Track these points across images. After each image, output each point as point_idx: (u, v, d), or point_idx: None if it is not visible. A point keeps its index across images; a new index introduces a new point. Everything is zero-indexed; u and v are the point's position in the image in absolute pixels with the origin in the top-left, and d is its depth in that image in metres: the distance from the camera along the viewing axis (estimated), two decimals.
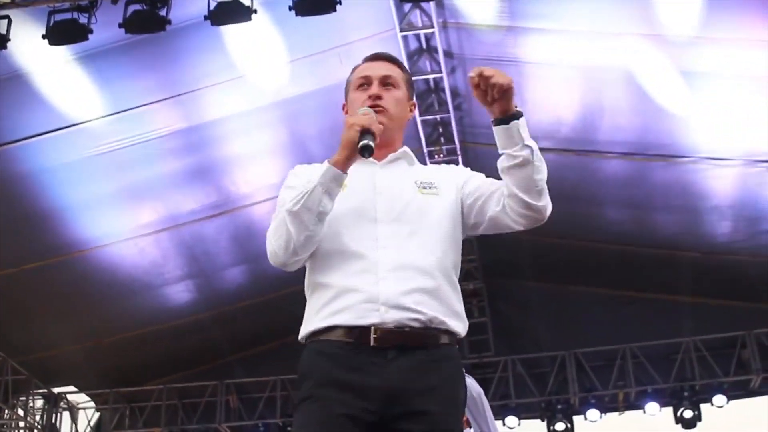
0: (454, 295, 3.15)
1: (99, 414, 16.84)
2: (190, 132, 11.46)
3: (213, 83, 10.79)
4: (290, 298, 14.40)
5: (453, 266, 3.20)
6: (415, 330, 3.01)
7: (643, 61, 10.80)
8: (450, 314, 3.10)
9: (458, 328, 3.11)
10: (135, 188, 12.08)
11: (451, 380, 3.04)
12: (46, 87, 10.31)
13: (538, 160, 3.08)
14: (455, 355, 3.10)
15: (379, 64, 3.40)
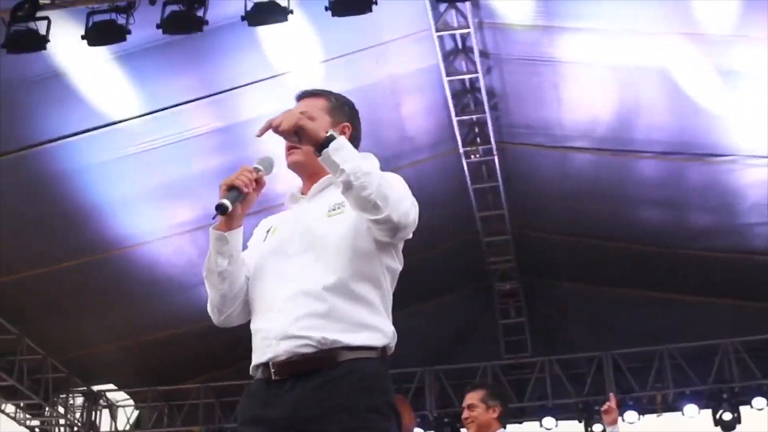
0: (357, 308, 3.19)
1: (138, 412, 16.98)
2: (226, 131, 11.53)
3: (249, 82, 10.84)
4: None
5: (360, 278, 3.22)
6: (307, 356, 3.10)
7: (680, 59, 10.74)
8: (349, 329, 3.14)
9: (364, 340, 3.15)
10: (172, 187, 12.16)
11: (353, 394, 3.07)
12: (85, 86, 10.41)
13: (356, 179, 3.08)
14: (362, 367, 3.12)
15: (298, 104, 3.58)
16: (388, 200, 3.08)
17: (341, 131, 3.41)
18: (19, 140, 10.87)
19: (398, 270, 3.34)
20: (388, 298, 3.29)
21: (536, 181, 14.17)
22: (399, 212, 3.11)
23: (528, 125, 12.92)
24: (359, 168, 3.08)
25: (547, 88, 11.91)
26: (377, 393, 3.11)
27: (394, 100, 12.23)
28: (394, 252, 3.31)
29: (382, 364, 3.19)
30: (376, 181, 3.08)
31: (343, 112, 3.56)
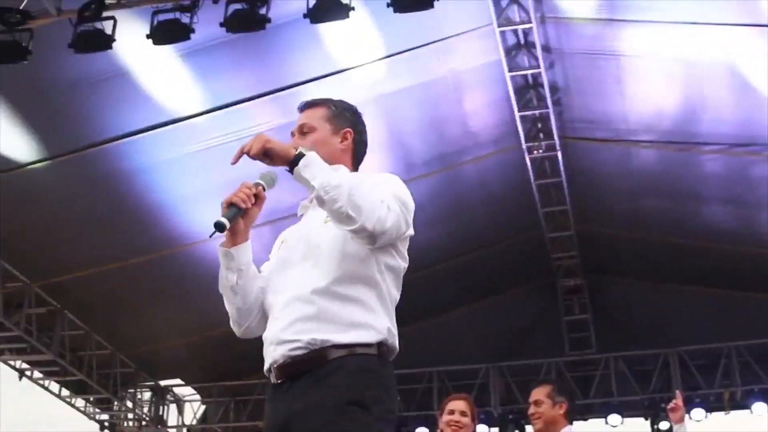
0: (348, 308, 3.23)
1: (204, 407, 17.16)
2: (289, 127, 11.49)
3: (311, 78, 10.90)
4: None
5: (351, 280, 3.26)
6: (298, 358, 3.18)
7: (747, 52, 10.59)
8: (338, 329, 3.19)
9: (353, 338, 3.19)
10: (236, 183, 12.02)
11: (336, 389, 3.11)
12: (149, 84, 10.55)
13: (326, 193, 3.15)
14: (349, 362, 3.16)
15: (300, 116, 3.64)
16: (360, 210, 3.13)
17: (343, 137, 3.53)
18: (85, 138, 11.06)
19: (401, 267, 3.37)
20: (387, 296, 3.30)
21: (600, 176, 14.08)
22: (372, 221, 3.13)
23: (591, 120, 12.85)
24: (328, 182, 3.14)
25: (611, 83, 11.82)
26: (361, 387, 3.12)
27: (457, 96, 12.22)
28: (393, 251, 3.33)
29: (376, 360, 3.20)
30: (345, 192, 3.13)
31: (344, 118, 3.60)
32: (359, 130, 3.62)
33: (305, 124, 3.55)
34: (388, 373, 3.22)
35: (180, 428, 17.02)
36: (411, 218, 3.36)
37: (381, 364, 3.20)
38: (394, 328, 3.29)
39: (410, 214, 3.35)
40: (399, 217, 3.24)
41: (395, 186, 3.39)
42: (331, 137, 3.53)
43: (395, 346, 3.28)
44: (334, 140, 3.54)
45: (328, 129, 3.55)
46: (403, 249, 3.38)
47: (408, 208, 3.34)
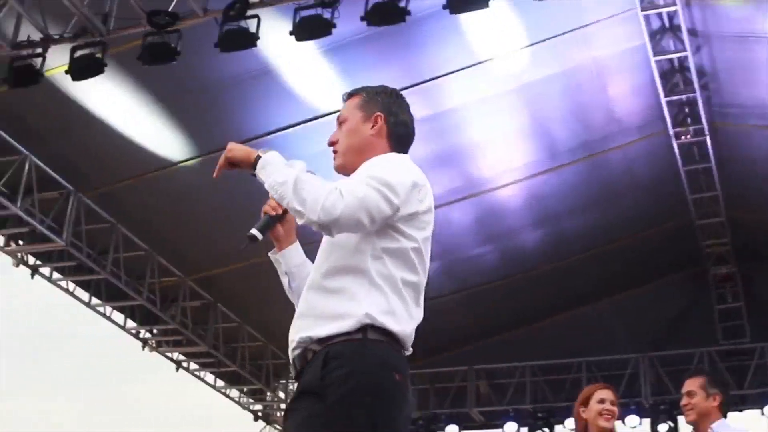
0: (329, 301, 3.22)
1: None
2: (432, 119, 11.65)
3: (453, 70, 10.92)
4: (539, 280, 14.59)
5: (337, 271, 3.24)
6: (297, 356, 3.23)
7: None
8: (318, 324, 3.19)
9: (330, 330, 3.16)
10: None
11: (311, 382, 3.11)
12: (294, 81, 10.73)
13: (275, 192, 3.21)
14: (326, 351, 3.13)
15: (343, 105, 3.62)
16: (305, 204, 3.13)
17: (374, 122, 3.49)
18: (232, 136, 11.28)
19: (405, 248, 3.26)
20: (379, 281, 3.20)
21: (751, 162, 13.70)
22: (316, 212, 3.10)
23: (741, 104, 12.52)
24: (275, 181, 3.19)
25: (761, 66, 11.49)
26: (325, 375, 3.07)
27: (600, 83, 12.07)
28: (394, 233, 3.25)
29: (356, 345, 3.13)
30: (290, 188, 3.15)
31: (376, 103, 3.54)
32: (393, 112, 3.56)
33: (340, 115, 3.57)
34: (369, 355, 3.12)
35: None
36: (400, 195, 3.21)
37: (361, 345, 3.12)
38: (390, 311, 3.18)
39: (394, 191, 3.20)
40: (352, 206, 3.12)
41: (374, 167, 3.30)
42: (362, 125, 3.50)
43: (391, 329, 3.17)
44: (364, 127, 3.50)
45: (359, 117, 3.52)
46: (409, 228, 3.26)
47: (391, 186, 3.20)
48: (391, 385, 3.12)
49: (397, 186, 3.21)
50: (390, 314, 3.18)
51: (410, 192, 3.26)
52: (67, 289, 13.45)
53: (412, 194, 3.27)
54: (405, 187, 3.24)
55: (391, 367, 3.14)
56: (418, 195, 3.29)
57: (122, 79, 10.45)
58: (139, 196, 12.31)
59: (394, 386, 3.12)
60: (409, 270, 3.27)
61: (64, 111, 10.75)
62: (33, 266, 12.97)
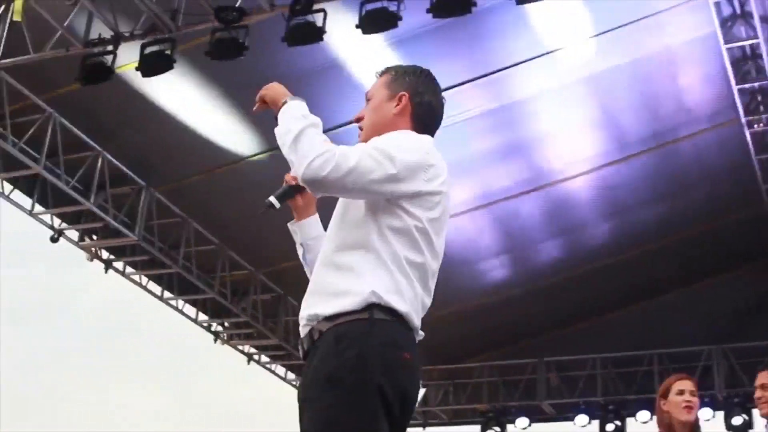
0: (336, 277, 3.20)
1: (425, 390, 17.37)
2: (500, 111, 11.62)
3: (520, 61, 10.88)
4: (609, 271, 14.48)
5: (344, 247, 3.23)
6: (306, 334, 3.21)
7: None
8: (326, 300, 3.17)
9: (338, 307, 3.13)
10: (449, 168, 12.33)
11: (319, 363, 3.09)
12: (361, 75, 10.76)
13: (280, 137, 3.26)
14: (333, 331, 3.11)
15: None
16: (297, 155, 3.15)
17: (398, 101, 3.46)
18: None
19: (409, 226, 3.22)
20: (390, 260, 3.17)
21: None
22: (304, 166, 3.11)
23: None
24: (281, 129, 3.26)
25: None
26: (333, 359, 3.05)
27: (670, 72, 11.93)
28: (399, 211, 3.21)
29: (362, 325, 3.09)
30: (291, 138, 3.19)
31: (402, 82, 3.53)
32: (418, 91, 3.53)
33: (368, 92, 3.56)
34: (377, 334, 3.09)
35: None
36: (398, 168, 3.16)
37: (369, 324, 3.09)
38: (396, 290, 3.15)
39: (392, 162, 3.16)
40: (353, 168, 3.10)
41: (382, 139, 3.29)
42: (386, 103, 3.48)
43: (397, 308, 3.14)
44: (388, 105, 3.47)
45: (385, 95, 3.50)
46: (413, 207, 3.22)
47: (391, 157, 3.16)
48: (401, 365, 3.11)
49: (397, 160, 3.17)
50: (397, 293, 3.15)
51: (414, 170, 3.22)
52: (139, 283, 13.66)
53: (417, 172, 3.22)
54: (407, 164, 3.20)
55: (399, 346, 3.12)
56: (425, 175, 3.25)
57: (191, 74, 10.57)
58: (210, 191, 12.46)
59: (403, 366, 3.12)
60: (414, 250, 3.23)
61: (135, 107, 10.90)
62: (107, 261, 13.20)
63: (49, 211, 12.27)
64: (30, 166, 11.22)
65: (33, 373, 23.85)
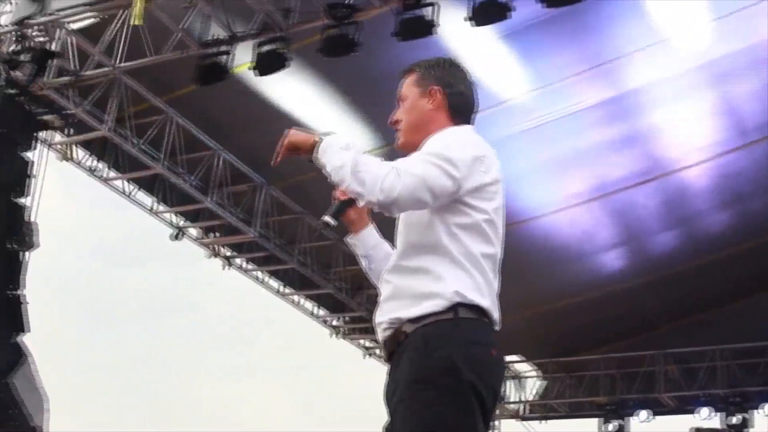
0: (414, 281, 3.22)
1: (543, 383, 17.27)
2: (615, 101, 11.48)
3: (635, 50, 10.72)
4: (728, 262, 14.19)
5: (415, 251, 3.26)
6: (388, 338, 3.25)
7: None
8: (408, 304, 3.19)
9: (422, 310, 3.15)
10: (564, 160, 12.29)
11: (407, 365, 3.12)
12: (475, 67, 10.69)
13: (335, 175, 3.22)
14: (420, 334, 3.13)
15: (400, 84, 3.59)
16: (364, 185, 3.14)
17: (431, 96, 3.42)
18: None
19: (477, 221, 3.22)
20: (463, 258, 3.20)
21: None
22: (375, 193, 3.11)
23: None
24: (334, 165, 3.21)
25: None
26: (425, 361, 3.09)
27: None
28: (464, 207, 3.21)
29: (449, 325, 3.13)
30: (349, 171, 3.16)
31: (430, 77, 3.48)
32: (449, 83, 3.47)
33: (399, 93, 3.54)
34: (463, 333, 3.12)
35: (520, 404, 17.23)
36: (460, 169, 3.15)
37: (453, 325, 3.12)
38: (474, 285, 3.18)
39: (455, 166, 3.15)
40: (407, 186, 3.11)
41: (434, 144, 3.28)
42: (419, 100, 3.45)
43: (474, 303, 3.16)
44: (422, 102, 3.45)
45: (416, 93, 3.47)
46: (477, 201, 3.22)
47: (451, 161, 3.15)
48: (488, 362, 3.13)
49: (457, 160, 3.16)
50: (477, 290, 3.18)
51: (472, 165, 3.20)
52: (258, 278, 13.88)
53: (475, 167, 3.21)
54: (465, 161, 3.19)
55: (485, 344, 3.15)
56: (481, 167, 3.23)
57: (305, 72, 10.69)
58: (326, 187, 12.52)
59: (490, 362, 3.14)
60: (486, 242, 3.25)
61: (251, 106, 11.07)
62: (226, 257, 13.43)
63: (170, 209, 12.56)
64: (151, 166, 11.50)
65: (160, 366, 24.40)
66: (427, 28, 9.30)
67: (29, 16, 9.67)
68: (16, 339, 9.17)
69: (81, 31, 10.34)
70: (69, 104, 10.51)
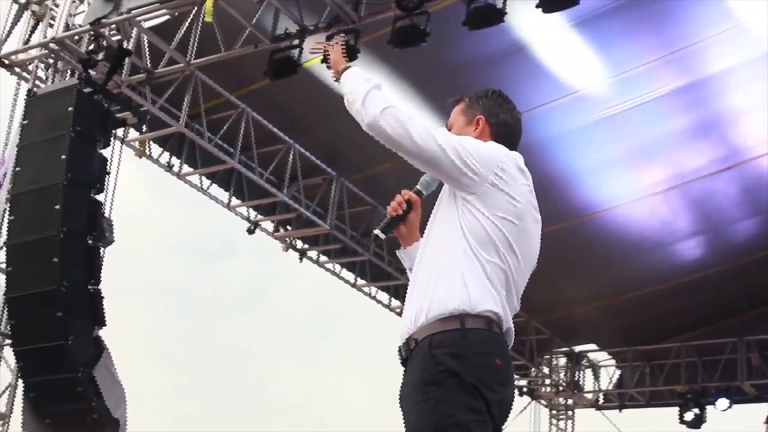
0: (424, 284, 3.37)
1: (620, 372, 17.14)
2: (691, 88, 11.30)
3: (711, 35, 10.53)
4: None
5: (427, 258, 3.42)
6: (402, 345, 3.40)
7: None
8: (424, 307, 3.31)
9: (435, 312, 3.27)
10: (640, 149, 12.15)
11: (418, 369, 3.25)
12: (547, 57, 10.64)
13: (348, 95, 3.53)
14: (430, 341, 3.26)
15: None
16: (365, 104, 3.43)
17: (476, 125, 3.64)
18: None
19: (485, 231, 3.36)
20: (471, 262, 3.33)
21: None
22: (373, 114, 3.41)
23: None
24: (352, 86, 3.53)
25: None
26: (433, 364, 3.21)
27: None
28: (475, 212, 3.37)
29: (456, 335, 3.24)
30: (362, 94, 3.45)
31: (477, 106, 3.70)
32: (494, 113, 3.67)
33: (447, 122, 3.76)
34: (469, 344, 3.24)
35: (596, 393, 17.12)
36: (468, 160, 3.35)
37: (460, 336, 3.23)
38: (483, 294, 3.30)
39: (465, 153, 3.36)
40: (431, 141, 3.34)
41: (464, 137, 3.50)
42: (465, 128, 3.65)
43: (483, 313, 3.29)
44: (467, 130, 3.64)
45: (463, 121, 3.69)
46: (483, 207, 3.38)
47: (467, 149, 3.38)
48: (493, 369, 3.26)
49: (470, 148, 3.39)
50: (487, 300, 3.30)
51: (487, 165, 3.39)
52: (333, 270, 13.93)
53: (489, 168, 3.39)
54: (481, 156, 3.39)
55: (490, 353, 3.28)
56: (499, 176, 3.40)
57: (376, 65, 10.67)
58: (399, 178, 12.50)
59: (495, 370, 3.26)
60: (494, 251, 3.36)
61: (323, 99, 11.09)
62: (301, 250, 13.51)
63: (245, 203, 12.68)
64: (225, 161, 11.60)
65: (240, 360, 24.64)
66: (497, 16, 9.19)
67: (104, 16, 9.79)
68: (96, 333, 9.32)
69: (154, 29, 10.45)
70: (144, 101, 10.64)
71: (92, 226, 9.43)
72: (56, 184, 9.15)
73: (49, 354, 8.99)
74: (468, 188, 3.38)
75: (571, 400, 17.25)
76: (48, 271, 9.06)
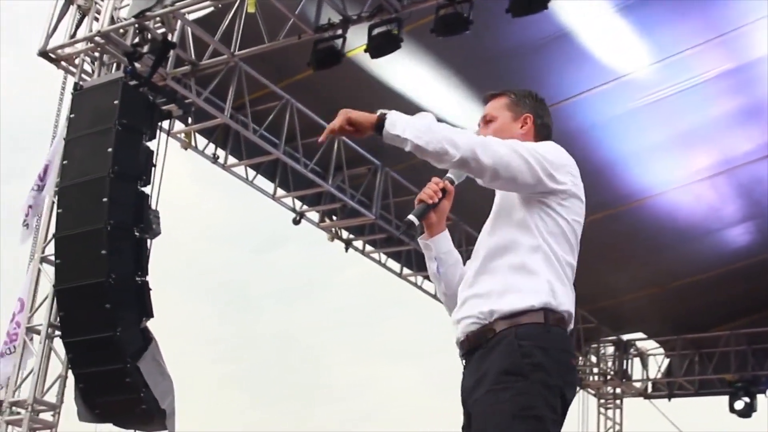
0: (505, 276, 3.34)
1: (668, 360, 17.03)
2: (738, 71, 11.17)
3: (758, 18, 10.39)
4: None
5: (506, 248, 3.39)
6: (472, 333, 3.37)
7: None
8: (499, 298, 3.30)
9: (514, 304, 3.26)
10: (686, 135, 12.03)
11: (497, 359, 3.21)
12: (591, 42, 10.57)
13: (420, 138, 3.27)
14: (513, 332, 3.24)
15: (485, 107, 3.77)
16: (455, 142, 3.25)
17: (523, 122, 3.66)
18: None
19: (563, 229, 3.41)
20: (555, 260, 3.35)
21: None
22: (470, 149, 3.26)
23: None
24: (419, 129, 3.27)
25: None
26: (518, 355, 3.21)
27: None
28: (551, 211, 3.40)
29: (540, 328, 3.25)
30: (438, 131, 3.27)
31: (524, 105, 3.71)
32: (539, 114, 3.71)
33: (487, 114, 3.71)
34: (553, 339, 3.26)
35: (644, 382, 17.02)
36: (551, 171, 3.38)
37: (545, 330, 3.25)
38: (564, 292, 3.33)
39: (548, 164, 3.37)
40: (517, 158, 3.30)
41: (534, 143, 3.48)
42: (511, 124, 3.65)
43: (564, 311, 3.32)
44: (514, 126, 3.65)
45: (509, 116, 3.68)
46: (561, 209, 3.41)
47: (547, 159, 3.38)
48: (571, 369, 3.33)
49: (551, 162, 3.39)
50: (565, 295, 3.35)
51: (565, 171, 3.43)
52: (379, 260, 13.95)
53: (563, 171, 3.43)
54: (559, 163, 3.42)
55: (570, 352, 3.36)
56: (569, 176, 3.45)
57: (420, 53, 10.66)
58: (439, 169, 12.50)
59: (572, 369, 3.34)
60: (569, 250, 3.42)
61: (367, 89, 11.11)
62: (346, 240, 13.54)
63: (291, 194, 12.71)
64: (270, 151, 11.64)
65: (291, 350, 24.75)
66: (541, 4, 9.12)
67: (148, 9, 9.85)
68: (144, 324, 9.40)
69: (198, 21, 10.50)
70: (189, 93, 10.70)
71: (139, 218, 9.51)
72: (103, 176, 9.24)
73: (98, 345, 9.09)
74: (548, 194, 3.42)
75: (619, 389, 17.17)
76: (96, 263, 9.15)
